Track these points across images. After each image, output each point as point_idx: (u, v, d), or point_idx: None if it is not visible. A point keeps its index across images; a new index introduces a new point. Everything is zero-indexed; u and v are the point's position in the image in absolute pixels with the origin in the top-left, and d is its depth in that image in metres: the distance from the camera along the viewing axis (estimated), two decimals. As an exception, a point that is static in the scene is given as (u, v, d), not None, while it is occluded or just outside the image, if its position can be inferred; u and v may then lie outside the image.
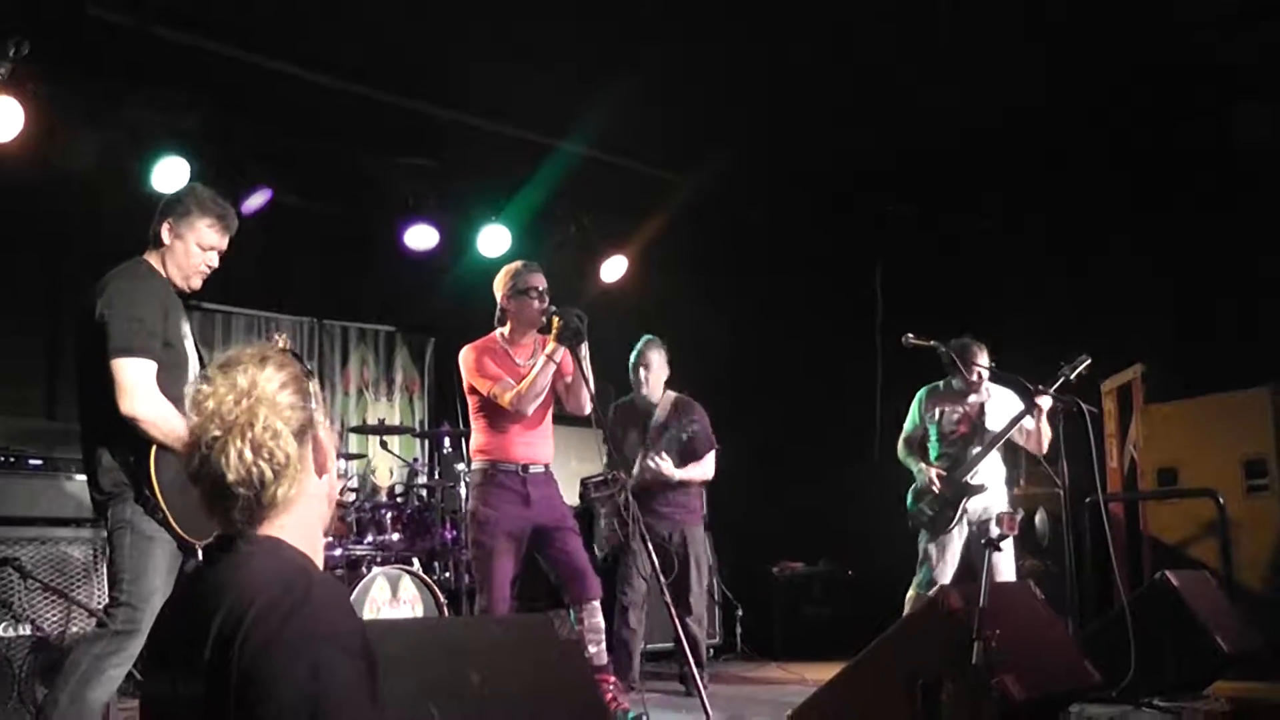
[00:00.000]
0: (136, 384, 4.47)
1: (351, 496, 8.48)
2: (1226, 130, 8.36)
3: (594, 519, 7.51)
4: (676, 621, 5.36)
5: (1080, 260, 9.25)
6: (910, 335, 7.19)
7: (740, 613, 9.96)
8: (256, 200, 8.88)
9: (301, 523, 2.22)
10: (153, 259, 4.90)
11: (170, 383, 4.59)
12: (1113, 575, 6.95)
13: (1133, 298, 9.17)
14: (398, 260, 10.03)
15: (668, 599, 5.43)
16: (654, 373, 7.66)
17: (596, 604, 6.04)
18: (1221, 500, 8.07)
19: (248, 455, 2.13)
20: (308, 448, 2.22)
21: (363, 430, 9.46)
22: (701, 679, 5.65)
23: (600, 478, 9.36)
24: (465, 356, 6.34)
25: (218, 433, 2.14)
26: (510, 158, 9.42)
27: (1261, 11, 7.43)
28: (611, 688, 5.96)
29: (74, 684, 4.34)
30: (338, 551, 7.69)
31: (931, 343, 7.18)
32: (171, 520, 4.47)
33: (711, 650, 9.78)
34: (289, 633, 1.92)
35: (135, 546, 4.49)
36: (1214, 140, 8.45)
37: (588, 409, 6.18)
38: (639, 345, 7.69)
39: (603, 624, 6.04)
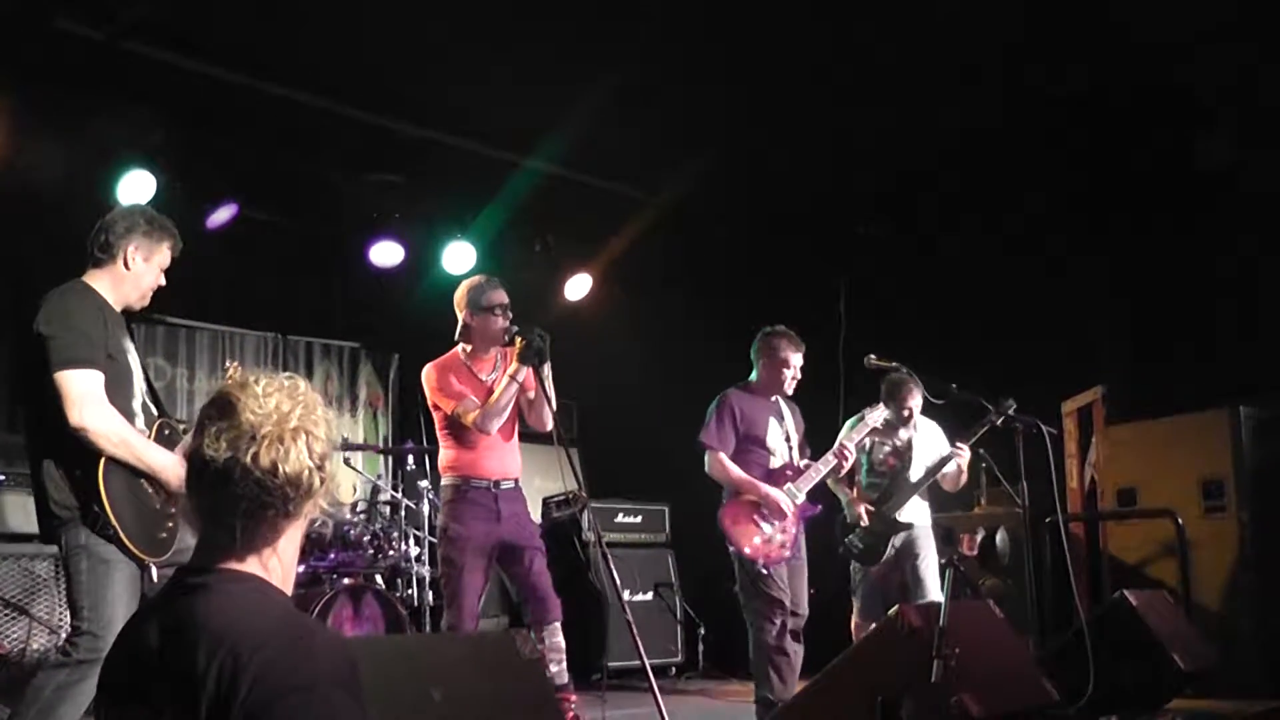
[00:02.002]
0: (84, 394, 4.39)
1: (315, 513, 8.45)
2: (1186, 153, 8.44)
3: None
4: (637, 639, 5.36)
5: (1041, 281, 9.31)
6: (873, 356, 7.24)
7: (703, 630, 10.00)
8: (222, 215, 8.87)
9: (285, 556, 2.23)
10: (94, 279, 4.80)
11: (115, 394, 4.55)
12: (1072, 594, 7.01)
13: (1093, 319, 9.24)
14: (363, 276, 10.05)
15: (629, 617, 5.43)
16: None
17: (557, 625, 6.04)
18: (1180, 521, 8.15)
19: (304, 457, 2.16)
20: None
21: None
22: None
23: (562, 496, 9.36)
24: (428, 375, 6.33)
25: (270, 429, 2.15)
26: (476, 175, 9.43)
27: (1220, 34, 7.52)
28: (573, 706, 5.97)
29: (35, 713, 4.27)
30: (300, 568, 7.66)
31: (893, 364, 7.23)
32: (123, 536, 4.38)
33: (674, 668, 9.82)
34: (302, 679, 1.94)
35: (92, 572, 4.40)
36: (1174, 162, 8.52)
37: (549, 425, 6.17)
38: (790, 338, 7.14)
39: (563, 644, 6.02)
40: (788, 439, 7.06)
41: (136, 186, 8.13)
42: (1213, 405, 8.36)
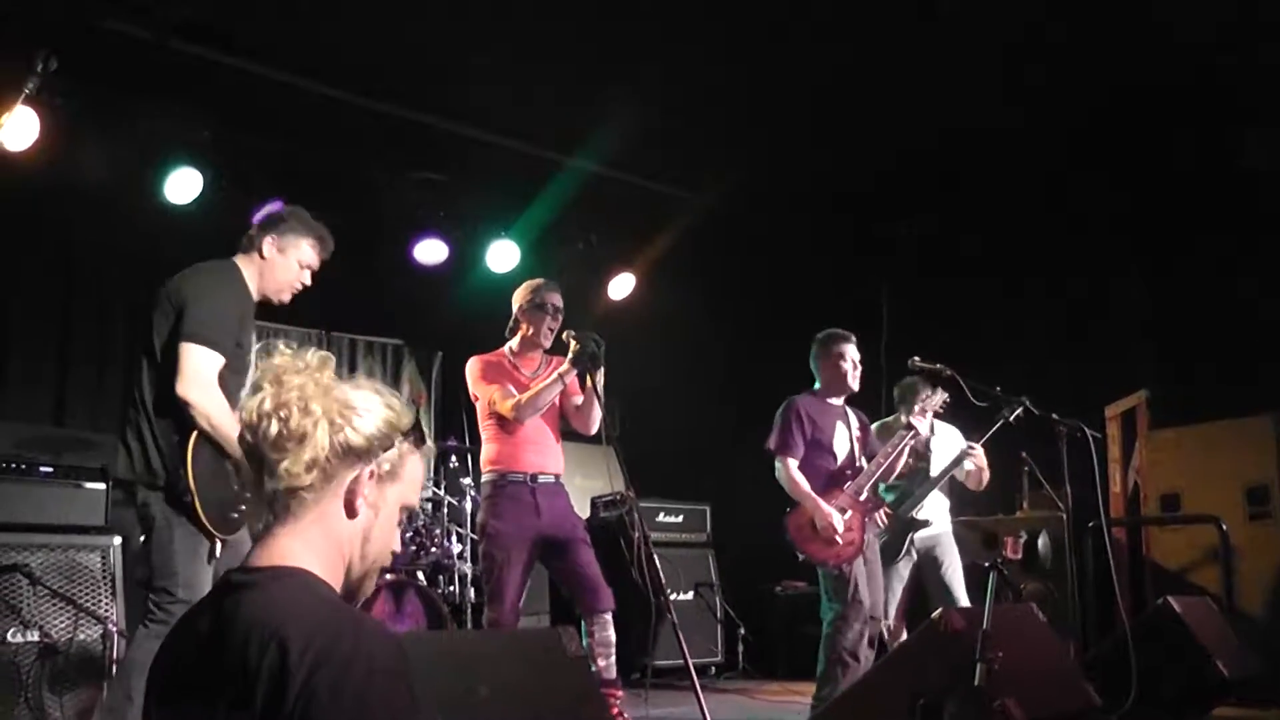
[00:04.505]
0: (200, 370, 4.57)
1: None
2: (1233, 153, 8.38)
3: None
4: (681, 639, 5.38)
5: (1086, 283, 9.27)
6: (916, 358, 7.18)
7: (743, 631, 10.00)
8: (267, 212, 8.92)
9: (318, 547, 2.23)
10: (243, 264, 5.04)
11: (229, 382, 4.71)
12: (1115, 599, 6.97)
13: (1138, 322, 9.19)
14: (407, 274, 10.08)
15: (674, 618, 5.45)
16: None
17: (608, 617, 6.02)
18: (1224, 526, 8.09)
19: (267, 405, 2.19)
20: (347, 472, 2.24)
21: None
22: None
23: (610, 497, 9.38)
24: (471, 365, 6.43)
25: (265, 385, 2.21)
26: (520, 173, 9.47)
27: (1265, 33, 7.47)
28: (618, 702, 5.98)
29: (134, 678, 4.41)
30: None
31: (937, 366, 7.18)
32: (198, 504, 4.51)
33: (714, 668, 9.82)
34: (355, 668, 1.95)
35: (184, 542, 4.56)
36: (1220, 164, 8.47)
37: (594, 429, 6.25)
38: (840, 334, 7.08)
39: (613, 637, 6.02)
40: (851, 443, 7.00)
41: (183, 184, 8.20)
42: (1257, 411, 8.30)
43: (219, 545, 4.66)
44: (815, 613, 6.92)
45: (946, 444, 7.62)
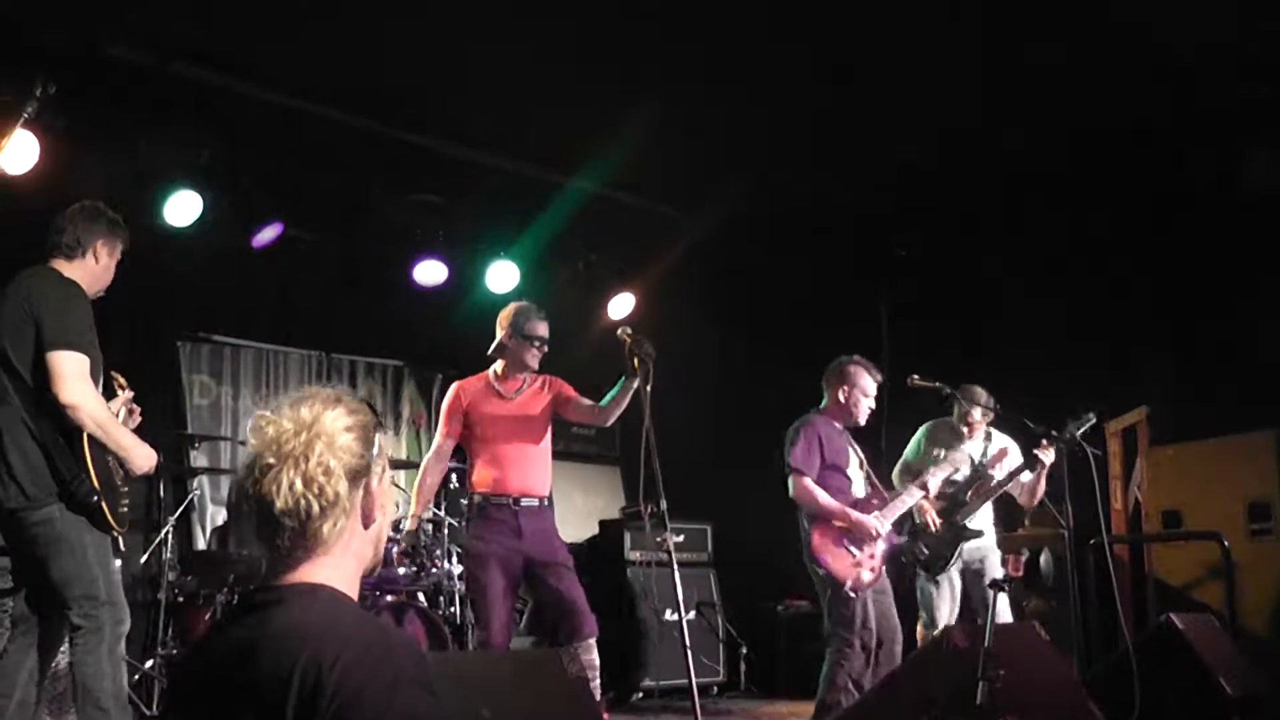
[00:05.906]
0: (78, 374, 4.64)
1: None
2: (1233, 170, 8.38)
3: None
4: (689, 660, 5.36)
5: (1085, 300, 9.26)
6: (915, 376, 7.16)
7: (745, 650, 9.98)
8: (267, 234, 8.94)
9: (342, 566, 2.26)
10: (67, 271, 5.01)
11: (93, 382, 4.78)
12: (1117, 617, 6.95)
13: (1138, 339, 9.18)
14: (407, 295, 10.08)
15: (685, 639, 5.43)
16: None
17: (591, 642, 6.03)
18: (1226, 543, 8.07)
19: (298, 486, 2.19)
20: (359, 493, 2.28)
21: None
22: None
23: (635, 509, 9.40)
24: (448, 394, 6.62)
25: (272, 460, 2.20)
26: (519, 194, 9.47)
27: (1267, 54, 7.48)
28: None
29: (111, 688, 4.55)
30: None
31: (936, 384, 7.18)
32: (104, 505, 4.60)
33: (716, 688, 9.80)
34: (383, 680, 1.97)
35: (96, 547, 4.64)
36: (1220, 180, 8.47)
37: (610, 422, 6.43)
38: (870, 368, 7.04)
39: (598, 661, 6.01)
40: (862, 466, 6.97)
41: (183, 206, 8.20)
42: (1258, 426, 8.30)
43: (121, 541, 4.85)
44: (817, 630, 6.88)
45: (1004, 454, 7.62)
